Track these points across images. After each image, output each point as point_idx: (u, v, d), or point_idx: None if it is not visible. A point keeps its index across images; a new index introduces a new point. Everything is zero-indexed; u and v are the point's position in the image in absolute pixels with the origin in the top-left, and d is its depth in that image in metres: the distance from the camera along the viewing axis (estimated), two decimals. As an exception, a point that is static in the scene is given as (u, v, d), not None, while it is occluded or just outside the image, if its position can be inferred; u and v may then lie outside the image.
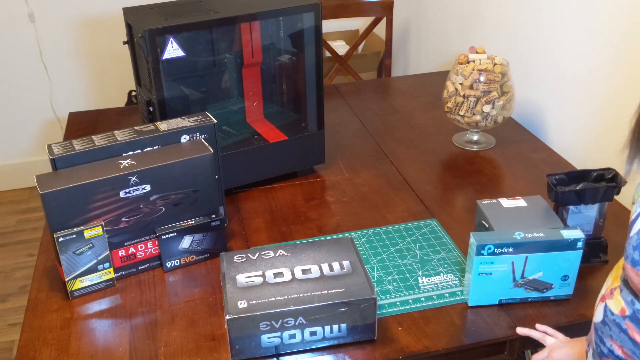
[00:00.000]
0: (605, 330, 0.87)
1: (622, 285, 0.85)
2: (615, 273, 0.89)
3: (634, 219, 0.82)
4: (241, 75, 1.62)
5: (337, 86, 2.21)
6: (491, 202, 1.30)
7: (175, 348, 1.11)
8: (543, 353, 1.07)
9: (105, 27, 2.87)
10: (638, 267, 0.78)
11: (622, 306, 0.84)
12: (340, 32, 3.24)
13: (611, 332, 0.86)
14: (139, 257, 1.28)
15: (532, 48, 1.88)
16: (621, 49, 1.51)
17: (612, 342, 0.86)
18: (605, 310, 0.87)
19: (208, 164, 1.27)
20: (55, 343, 1.13)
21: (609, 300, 0.87)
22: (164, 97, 1.42)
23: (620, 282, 0.86)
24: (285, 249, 1.19)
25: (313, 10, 1.50)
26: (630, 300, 0.83)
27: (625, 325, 0.83)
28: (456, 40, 2.39)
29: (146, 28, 1.34)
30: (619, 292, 0.86)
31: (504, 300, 1.18)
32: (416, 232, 1.40)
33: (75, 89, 2.97)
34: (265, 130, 1.63)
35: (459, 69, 1.71)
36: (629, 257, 0.80)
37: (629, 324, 0.83)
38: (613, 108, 1.57)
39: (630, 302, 0.83)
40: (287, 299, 1.06)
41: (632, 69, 1.49)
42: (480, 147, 1.76)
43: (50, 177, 1.17)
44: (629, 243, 0.80)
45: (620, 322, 0.84)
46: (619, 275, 0.88)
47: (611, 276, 0.90)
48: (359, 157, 1.74)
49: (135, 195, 1.22)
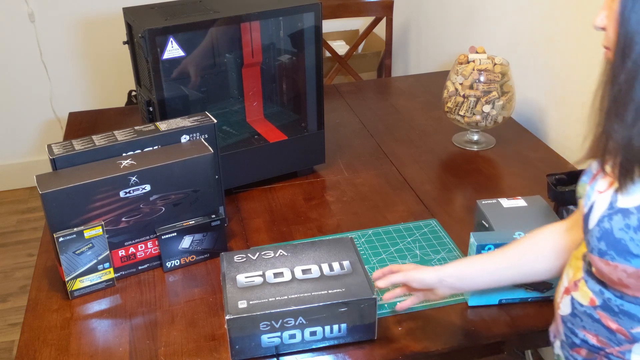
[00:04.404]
0: (576, 322, 0.87)
1: (586, 277, 0.85)
2: (575, 265, 0.90)
3: (588, 212, 0.83)
4: (241, 75, 1.62)
5: (337, 86, 2.21)
6: (491, 202, 1.30)
7: (175, 348, 1.11)
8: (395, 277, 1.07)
9: (105, 27, 2.87)
10: (607, 257, 0.79)
11: (591, 297, 0.84)
12: (340, 32, 3.24)
13: (583, 323, 0.86)
14: (139, 257, 1.28)
15: (532, 48, 1.88)
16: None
17: (585, 332, 0.87)
18: (573, 302, 0.88)
19: (208, 164, 1.27)
20: (55, 343, 1.13)
21: (574, 293, 0.87)
22: (164, 97, 1.42)
23: (583, 274, 0.86)
24: (285, 249, 1.19)
25: (313, 10, 1.50)
26: (598, 290, 0.83)
27: (597, 315, 0.84)
28: (456, 40, 2.39)
29: (146, 28, 1.34)
30: (584, 283, 0.86)
31: (504, 300, 1.18)
32: (416, 232, 1.40)
33: (75, 89, 2.97)
34: (265, 130, 1.63)
35: (459, 69, 1.71)
36: (595, 249, 0.80)
37: (601, 313, 0.83)
38: (613, 108, 1.57)
39: (599, 292, 0.83)
40: (287, 299, 1.06)
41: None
42: (480, 147, 1.76)
43: (50, 177, 1.17)
44: (592, 236, 0.81)
45: (592, 313, 0.84)
46: (579, 267, 0.88)
47: (571, 268, 0.91)
48: (359, 157, 1.74)
49: (135, 195, 1.22)
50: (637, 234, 0.75)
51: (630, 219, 0.76)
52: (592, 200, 0.83)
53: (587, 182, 0.87)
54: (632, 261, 0.76)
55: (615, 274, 0.78)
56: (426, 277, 1.05)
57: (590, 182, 0.86)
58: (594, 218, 0.82)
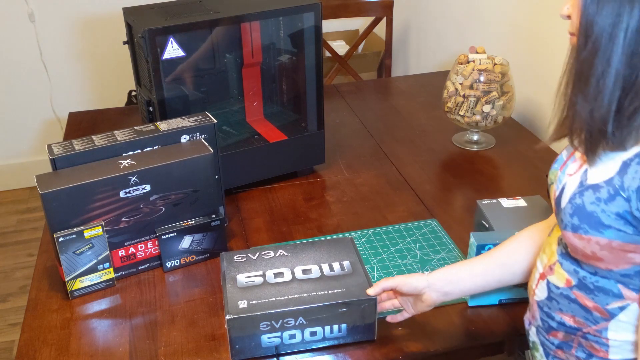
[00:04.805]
0: (553, 305, 0.91)
1: (561, 259, 0.90)
2: (550, 250, 0.94)
3: (559, 195, 0.88)
4: (241, 75, 1.62)
5: (337, 86, 2.21)
6: (491, 202, 1.30)
7: (175, 348, 1.11)
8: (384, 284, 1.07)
9: (105, 27, 2.87)
10: (580, 231, 0.83)
11: (567, 278, 0.89)
12: (340, 32, 3.24)
13: (560, 306, 0.90)
14: (139, 257, 1.28)
15: (532, 48, 1.88)
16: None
17: (561, 315, 0.90)
18: (549, 286, 0.92)
19: (208, 164, 1.27)
20: (55, 343, 1.13)
21: (550, 277, 0.92)
22: (164, 97, 1.42)
23: (557, 257, 0.91)
24: (286, 249, 1.19)
25: (313, 10, 1.50)
26: (573, 270, 0.88)
27: (574, 295, 0.88)
28: (456, 40, 2.39)
29: (146, 28, 1.34)
30: (559, 266, 0.90)
31: (504, 300, 1.18)
32: (416, 232, 1.40)
33: (75, 89, 2.97)
34: (265, 130, 1.63)
35: (459, 69, 1.71)
36: (568, 225, 0.85)
37: (577, 293, 0.88)
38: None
39: (574, 271, 0.87)
40: (288, 299, 1.06)
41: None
42: (480, 147, 1.76)
43: (50, 177, 1.17)
44: (565, 213, 0.86)
45: (569, 294, 0.89)
46: (554, 251, 0.92)
47: (545, 254, 0.95)
48: (359, 157, 1.74)
49: (135, 195, 1.22)
50: (607, 205, 0.80)
51: (601, 192, 0.81)
52: (563, 183, 0.89)
53: (557, 169, 0.93)
54: (605, 232, 0.80)
55: (589, 247, 0.83)
56: (415, 282, 1.05)
57: (560, 168, 0.93)
58: (565, 198, 0.86)
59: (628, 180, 0.78)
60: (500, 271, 1.05)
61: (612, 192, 0.80)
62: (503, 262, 1.05)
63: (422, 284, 1.05)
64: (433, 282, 1.05)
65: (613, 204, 0.80)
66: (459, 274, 1.06)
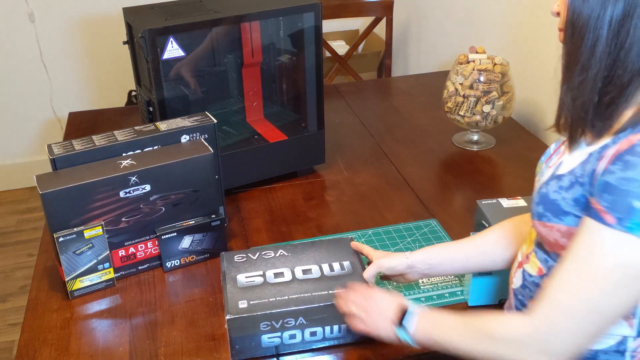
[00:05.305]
0: (526, 293, 0.94)
1: (536, 248, 0.93)
2: (529, 239, 0.96)
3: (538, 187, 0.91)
4: (241, 75, 1.62)
5: (337, 86, 2.21)
6: (491, 202, 1.30)
7: (175, 348, 1.11)
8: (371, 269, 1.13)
9: (105, 27, 2.87)
10: (544, 219, 0.87)
11: (539, 266, 0.92)
12: (340, 32, 3.24)
13: (532, 293, 0.93)
14: (139, 257, 1.28)
15: (532, 48, 1.88)
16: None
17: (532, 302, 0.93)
18: (524, 274, 0.95)
19: (208, 164, 1.27)
20: (55, 343, 1.13)
21: (526, 265, 0.95)
22: (164, 97, 1.42)
23: (533, 246, 0.94)
24: (286, 249, 1.19)
25: (313, 10, 1.50)
26: (544, 259, 0.91)
27: (543, 283, 0.89)
28: (456, 40, 2.39)
29: (146, 28, 1.34)
30: (534, 255, 0.93)
31: (504, 300, 1.18)
32: (416, 232, 1.40)
33: (75, 89, 2.97)
34: (265, 130, 1.63)
35: (459, 69, 1.71)
36: (535, 213, 0.89)
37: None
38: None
39: (544, 260, 0.91)
40: (288, 299, 1.06)
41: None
42: (480, 147, 1.76)
43: (50, 177, 1.17)
44: (533, 202, 0.90)
45: (540, 282, 0.91)
46: (532, 240, 0.95)
47: (525, 244, 0.98)
48: (359, 157, 1.74)
49: (135, 195, 1.22)
50: (567, 192, 0.84)
51: (563, 181, 0.85)
52: (544, 175, 0.92)
53: (543, 162, 0.97)
54: (564, 219, 0.84)
55: (552, 234, 0.86)
56: (396, 264, 1.11)
57: (546, 161, 0.97)
58: (535, 190, 0.90)
59: (587, 168, 0.81)
60: (482, 258, 1.09)
61: (573, 180, 0.83)
62: (484, 250, 1.09)
63: (403, 266, 1.11)
64: (413, 264, 1.10)
65: (572, 190, 0.83)
66: (440, 257, 1.11)
